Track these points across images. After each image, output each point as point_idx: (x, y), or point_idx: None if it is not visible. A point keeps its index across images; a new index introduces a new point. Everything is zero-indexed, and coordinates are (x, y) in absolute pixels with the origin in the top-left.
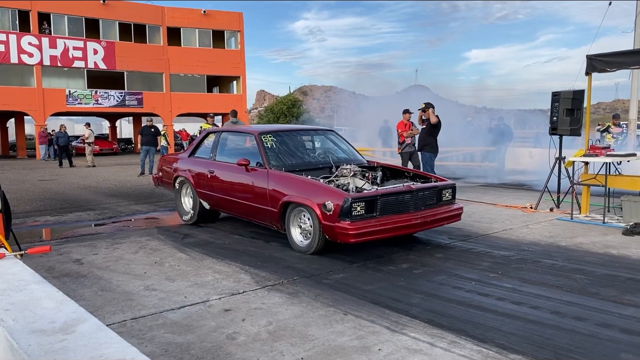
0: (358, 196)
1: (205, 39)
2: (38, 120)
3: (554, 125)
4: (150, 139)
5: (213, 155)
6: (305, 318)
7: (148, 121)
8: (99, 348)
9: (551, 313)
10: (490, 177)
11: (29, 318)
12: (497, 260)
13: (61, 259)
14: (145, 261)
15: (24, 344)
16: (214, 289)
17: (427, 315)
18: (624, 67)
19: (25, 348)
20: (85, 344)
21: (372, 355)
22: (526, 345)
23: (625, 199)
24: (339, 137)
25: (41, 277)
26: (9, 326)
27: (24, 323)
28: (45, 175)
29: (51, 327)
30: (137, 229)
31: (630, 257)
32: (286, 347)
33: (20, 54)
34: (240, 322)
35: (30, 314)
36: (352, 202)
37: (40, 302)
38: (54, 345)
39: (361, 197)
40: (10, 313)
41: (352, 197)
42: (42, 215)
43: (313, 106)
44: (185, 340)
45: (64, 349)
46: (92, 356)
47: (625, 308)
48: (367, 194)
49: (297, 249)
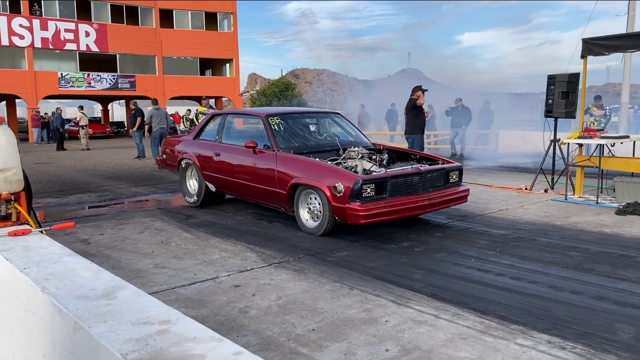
0: (368, 178)
1: (198, 21)
2: (30, 103)
3: (549, 108)
4: (132, 122)
5: (219, 138)
6: (313, 293)
7: (132, 105)
8: (143, 311)
9: (548, 287)
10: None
11: (70, 286)
12: (494, 238)
13: (68, 239)
14: (151, 240)
15: (73, 308)
16: (222, 267)
17: (430, 289)
18: (620, 50)
19: (74, 311)
20: (130, 307)
21: (379, 326)
22: (526, 317)
23: (618, 180)
24: (345, 119)
25: (71, 251)
26: (53, 293)
27: (66, 290)
28: (41, 158)
29: (93, 294)
30: (140, 210)
31: (623, 235)
32: (297, 320)
33: (11, 35)
34: (251, 297)
35: (70, 282)
36: (362, 184)
37: (77, 272)
38: (100, 309)
39: (371, 179)
40: (51, 282)
41: (362, 179)
42: (44, 197)
43: (305, 89)
44: (200, 314)
45: (111, 312)
46: (139, 317)
47: (618, 282)
48: (376, 176)
49: (306, 231)
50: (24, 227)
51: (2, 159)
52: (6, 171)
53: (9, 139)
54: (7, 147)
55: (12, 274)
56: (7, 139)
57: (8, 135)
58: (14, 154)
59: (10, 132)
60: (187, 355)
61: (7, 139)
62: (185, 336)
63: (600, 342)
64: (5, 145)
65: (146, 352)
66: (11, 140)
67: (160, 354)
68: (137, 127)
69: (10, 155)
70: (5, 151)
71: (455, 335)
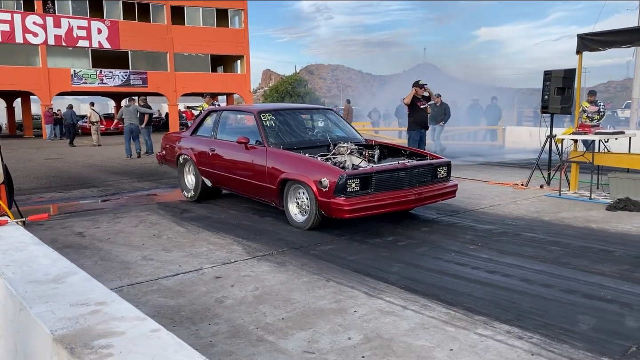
0: (353, 173)
1: (209, 18)
2: (44, 100)
3: (545, 104)
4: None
5: (214, 134)
6: (290, 284)
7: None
8: (84, 293)
9: (521, 280)
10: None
11: (26, 272)
12: (479, 233)
13: (64, 232)
14: (144, 234)
15: (22, 291)
16: (207, 259)
17: (404, 282)
18: (615, 45)
19: (22, 294)
20: (73, 290)
21: (347, 316)
22: (492, 308)
23: (612, 176)
24: (338, 116)
25: (39, 240)
26: (9, 278)
27: (22, 275)
28: (52, 154)
29: (45, 278)
30: (138, 205)
31: (609, 230)
32: (269, 309)
33: (25, 33)
34: (229, 288)
35: (28, 268)
36: (347, 179)
37: (37, 259)
38: (46, 292)
39: (356, 174)
40: (10, 268)
41: (347, 174)
42: (48, 192)
43: (319, 85)
44: (177, 303)
45: (55, 294)
46: (79, 299)
47: (592, 276)
48: (361, 171)
49: (294, 225)
50: (1, 218)
51: None
52: None
53: None
54: None
55: None
56: None
57: None
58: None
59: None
60: (110, 332)
61: None
62: (114, 316)
63: (558, 333)
64: None
65: (74, 329)
66: None
67: (86, 331)
68: (146, 124)
69: None
70: None
71: (418, 325)
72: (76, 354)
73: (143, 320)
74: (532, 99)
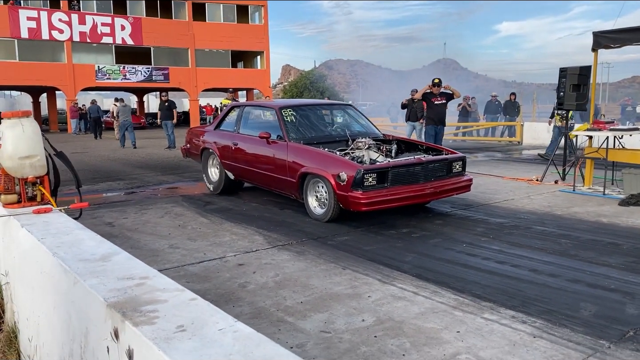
0: (370, 168)
1: (230, 14)
2: (69, 95)
3: (560, 101)
4: (165, 113)
5: (237, 128)
6: (308, 271)
7: (162, 97)
8: (129, 270)
9: (529, 271)
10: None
11: (75, 252)
12: (491, 226)
13: (95, 222)
14: (170, 224)
15: (74, 267)
16: (230, 248)
17: (417, 270)
18: (628, 43)
19: (75, 269)
20: (119, 267)
21: (362, 301)
22: (499, 296)
23: (626, 172)
24: (357, 111)
25: (83, 225)
26: (62, 257)
27: (72, 255)
28: (77, 148)
29: (93, 257)
30: (163, 197)
31: (619, 225)
32: (289, 294)
33: (51, 30)
34: (251, 274)
35: (77, 249)
36: (364, 173)
37: (84, 242)
38: (96, 268)
39: (373, 169)
40: (61, 249)
41: (364, 169)
42: None
43: (338, 81)
44: (203, 287)
45: (104, 270)
46: (125, 274)
47: (598, 267)
48: (378, 166)
49: (313, 217)
50: (46, 206)
51: (28, 147)
52: (32, 157)
53: (34, 129)
54: (32, 137)
55: (32, 244)
56: (33, 129)
57: (33, 126)
58: (38, 142)
59: (35, 124)
60: (154, 299)
61: (32, 130)
62: (157, 287)
63: (560, 318)
64: (31, 135)
65: (123, 297)
66: (36, 130)
67: (134, 299)
68: (176, 119)
69: (35, 144)
70: (31, 140)
71: (428, 310)
72: (128, 317)
73: (182, 291)
74: (554, 95)
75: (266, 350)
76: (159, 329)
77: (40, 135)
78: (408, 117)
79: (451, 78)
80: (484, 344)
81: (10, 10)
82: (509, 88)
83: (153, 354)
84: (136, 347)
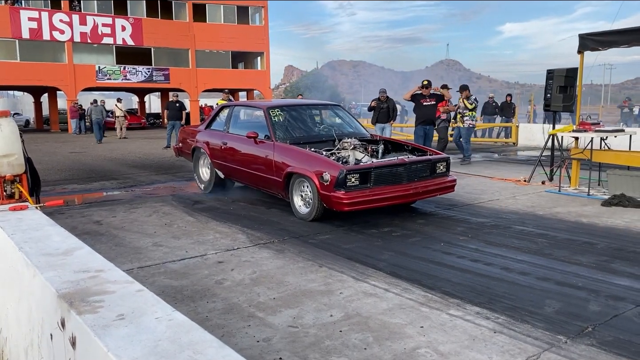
0: (352, 168)
1: (230, 15)
2: (70, 95)
3: (547, 102)
4: (175, 113)
5: (226, 128)
6: (285, 269)
7: (173, 96)
8: (87, 263)
9: (501, 269)
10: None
11: (41, 247)
12: (472, 226)
13: (83, 220)
14: (156, 223)
15: (36, 261)
16: (212, 246)
17: (391, 268)
18: (614, 45)
19: (36, 263)
20: (79, 261)
21: (333, 297)
22: (467, 293)
23: (610, 173)
24: (345, 112)
25: (54, 222)
26: (27, 251)
27: (37, 249)
28: (76, 147)
29: (56, 252)
30: (153, 196)
31: (598, 225)
32: (263, 290)
33: (52, 30)
34: (229, 271)
35: (42, 244)
36: (346, 173)
37: (50, 237)
38: (56, 262)
39: (355, 169)
40: (28, 244)
41: (346, 169)
42: (70, 183)
43: (341, 81)
44: (180, 284)
45: (63, 264)
46: (81, 268)
47: (569, 266)
48: (361, 166)
49: (299, 216)
50: (22, 204)
51: (6, 146)
52: (9, 156)
53: (11, 128)
54: (9, 136)
55: (2, 239)
56: (10, 129)
57: (11, 126)
58: (16, 141)
59: (14, 123)
60: (103, 291)
61: (10, 129)
62: (109, 280)
63: (523, 314)
64: (9, 134)
65: (74, 288)
66: (14, 129)
67: (84, 290)
68: (185, 120)
69: (12, 143)
70: (8, 139)
71: (396, 306)
72: (74, 306)
73: (132, 283)
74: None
75: (194, 337)
76: (100, 317)
77: (18, 135)
78: (376, 119)
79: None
80: (444, 338)
81: (11, 11)
82: (511, 89)
83: (90, 340)
84: (78, 334)
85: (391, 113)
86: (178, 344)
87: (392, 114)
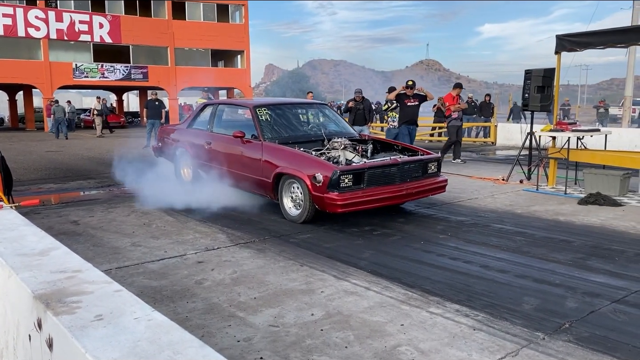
0: (346, 169)
1: (210, 13)
2: (46, 93)
3: (525, 102)
4: (154, 112)
5: (210, 127)
6: (266, 268)
7: (152, 95)
8: (63, 264)
9: (480, 267)
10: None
11: (16, 247)
12: (451, 224)
13: (60, 220)
14: (135, 222)
15: (11, 262)
16: (192, 246)
17: (372, 266)
18: (590, 47)
19: (11, 264)
20: (55, 261)
21: (314, 296)
22: (447, 290)
23: (587, 172)
24: (333, 111)
25: (29, 221)
26: (1, 252)
27: (12, 250)
28: (52, 146)
29: (32, 252)
30: (132, 196)
31: (574, 223)
32: (243, 290)
33: (27, 27)
34: (209, 271)
35: (18, 244)
36: (340, 174)
37: (26, 237)
38: (32, 262)
39: (349, 170)
40: (2, 244)
41: (340, 170)
42: (46, 183)
43: (322, 80)
44: (160, 284)
45: (39, 264)
46: (58, 268)
47: (547, 263)
48: (355, 167)
49: (289, 218)
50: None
51: None
52: None
53: None
54: None
55: None
56: None
57: None
58: None
59: None
60: (81, 291)
61: None
62: (86, 280)
63: (502, 312)
64: None
65: (51, 289)
66: None
67: (61, 290)
68: (164, 119)
69: None
70: None
71: (376, 304)
72: (50, 307)
73: (110, 283)
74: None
75: (173, 337)
76: (78, 318)
77: None
78: (353, 121)
79: (433, 79)
80: (425, 336)
81: None
82: (490, 89)
83: (67, 341)
84: (55, 336)
85: (367, 115)
86: (157, 344)
87: (369, 116)
